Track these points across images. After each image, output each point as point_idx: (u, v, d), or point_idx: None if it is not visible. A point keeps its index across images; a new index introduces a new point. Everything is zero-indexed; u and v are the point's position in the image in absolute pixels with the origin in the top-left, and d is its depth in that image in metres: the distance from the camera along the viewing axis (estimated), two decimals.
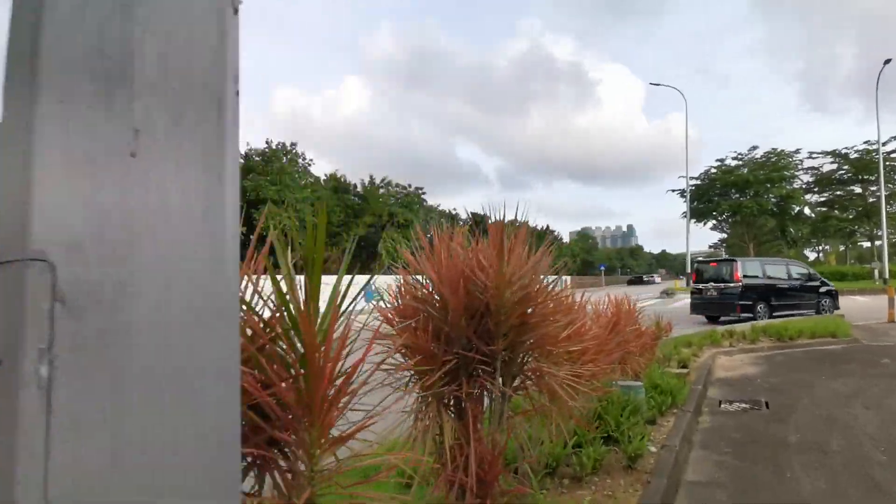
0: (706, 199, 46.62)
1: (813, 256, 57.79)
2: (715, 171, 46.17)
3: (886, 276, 31.80)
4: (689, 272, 42.06)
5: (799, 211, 47.78)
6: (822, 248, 60.14)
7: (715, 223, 50.62)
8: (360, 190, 50.02)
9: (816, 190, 47.63)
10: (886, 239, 32.74)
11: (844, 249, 60.92)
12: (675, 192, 48.24)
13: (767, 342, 9.76)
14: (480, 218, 2.72)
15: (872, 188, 43.10)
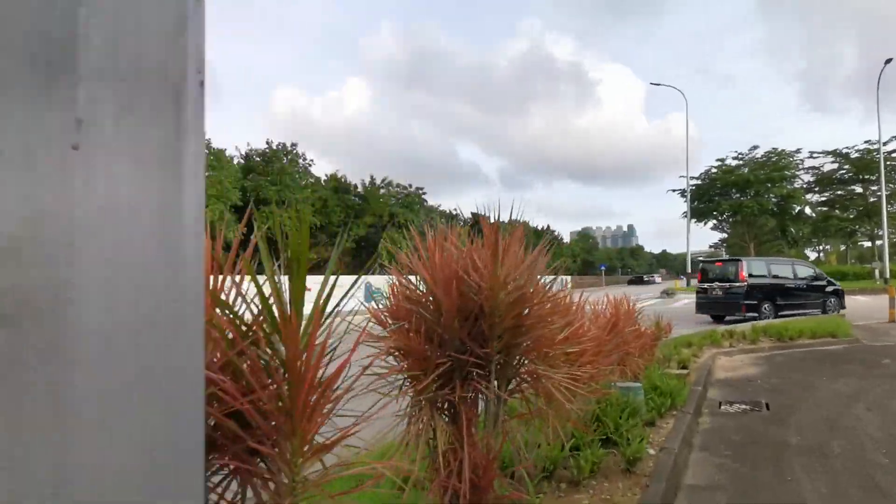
0: (707, 198, 46.55)
1: (813, 256, 57.68)
2: (715, 170, 46.10)
3: (887, 275, 31.73)
4: (689, 272, 42.07)
5: (799, 211, 47.72)
6: (822, 247, 60.10)
7: (715, 223, 50.57)
8: (360, 190, 49.97)
9: (817, 189, 47.57)
10: (887, 238, 32.66)
11: (845, 249, 60.85)
12: (675, 191, 48.24)
13: (768, 342, 9.70)
14: (481, 217, 2.66)
15: (873, 188, 43.03)
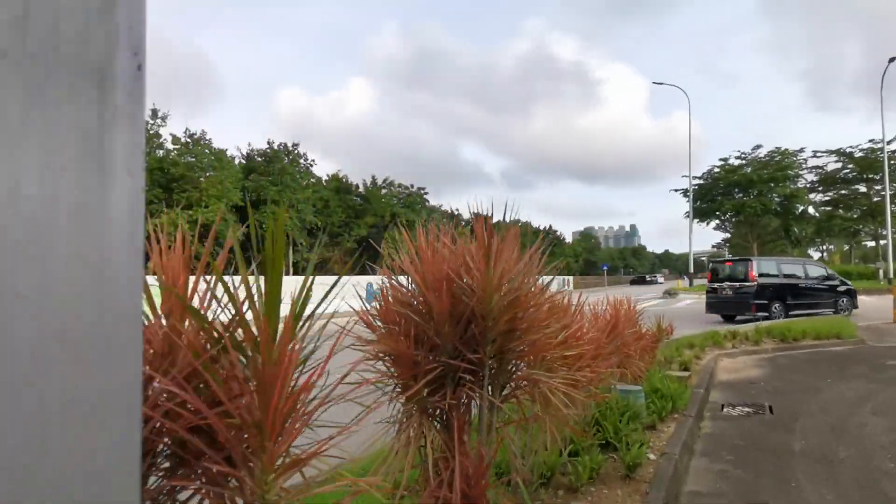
0: (709, 198, 46.37)
1: (817, 256, 57.41)
2: (718, 170, 45.90)
3: (891, 275, 31.55)
4: (691, 272, 41.96)
5: (803, 210, 47.49)
6: (826, 247, 59.84)
7: (718, 223, 50.38)
8: (361, 190, 49.96)
9: (821, 189, 47.33)
10: (891, 238, 32.46)
11: (849, 249, 60.58)
12: (678, 191, 48.01)
13: (771, 343, 9.59)
14: (474, 217, 2.58)
15: (877, 187, 42.83)
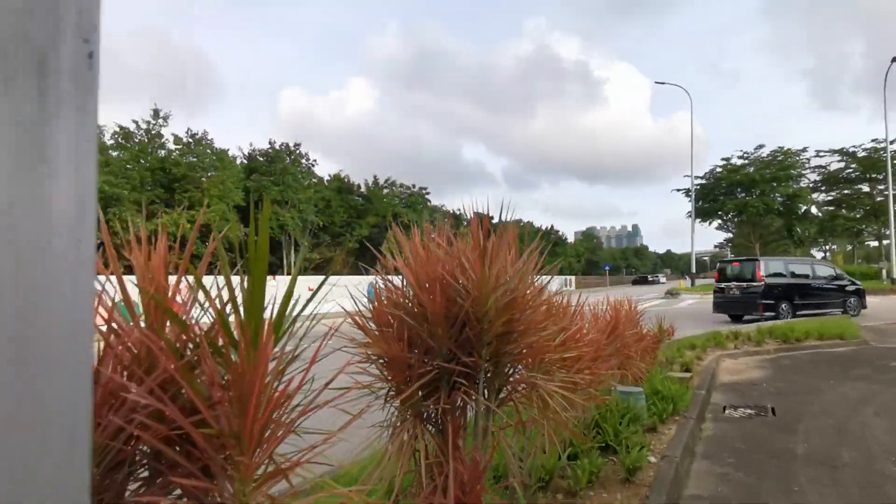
0: (711, 198, 46.22)
1: (820, 256, 57.20)
2: (721, 169, 45.75)
3: (894, 275, 31.40)
4: (693, 272, 41.84)
5: (806, 210, 47.29)
6: (829, 247, 59.58)
7: (720, 222, 50.21)
8: (363, 190, 49.96)
9: (824, 189, 47.15)
10: (894, 238, 32.30)
11: (852, 249, 60.33)
12: (680, 191, 47.88)
13: (773, 344, 9.52)
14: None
15: (880, 187, 42.66)
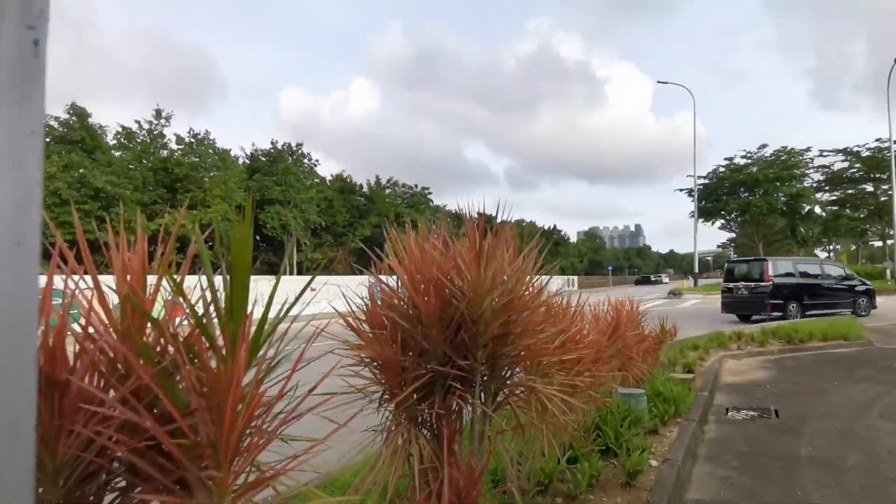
0: (714, 197, 46.01)
1: (823, 256, 56.97)
2: (723, 169, 45.55)
3: None
4: (696, 272, 41.71)
5: (809, 210, 47.06)
6: (833, 247, 59.30)
7: (723, 222, 49.99)
8: (365, 190, 49.97)
9: (827, 188, 46.89)
10: None
11: (856, 249, 60.08)
12: (682, 191, 47.67)
13: (777, 345, 9.44)
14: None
15: (884, 186, 42.42)
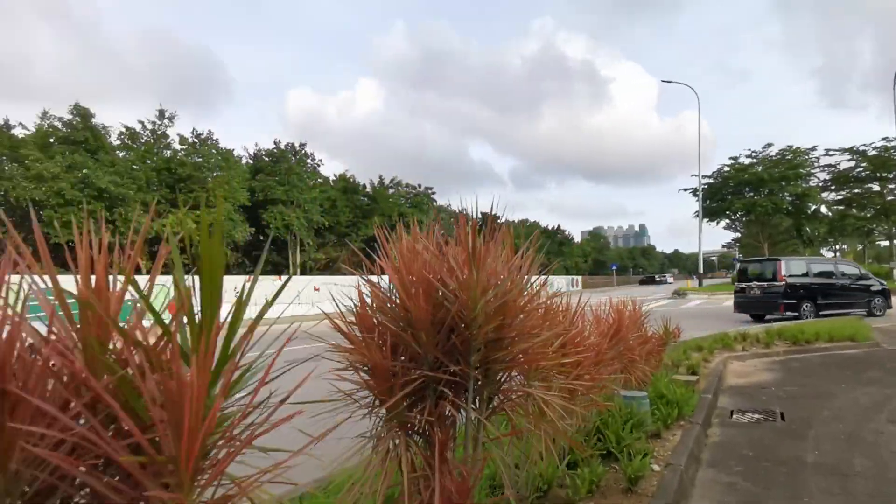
0: (719, 197, 45.77)
1: (829, 256, 56.60)
2: (728, 169, 45.30)
3: None
4: (700, 272, 41.50)
5: (815, 209, 46.74)
6: (839, 247, 58.91)
7: (728, 222, 49.73)
8: (369, 190, 49.97)
9: (833, 188, 46.50)
10: None
11: (862, 249, 59.65)
12: (687, 190, 47.48)
13: (783, 346, 9.32)
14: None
15: (891, 186, 42.11)
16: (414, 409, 2.13)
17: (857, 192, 45.73)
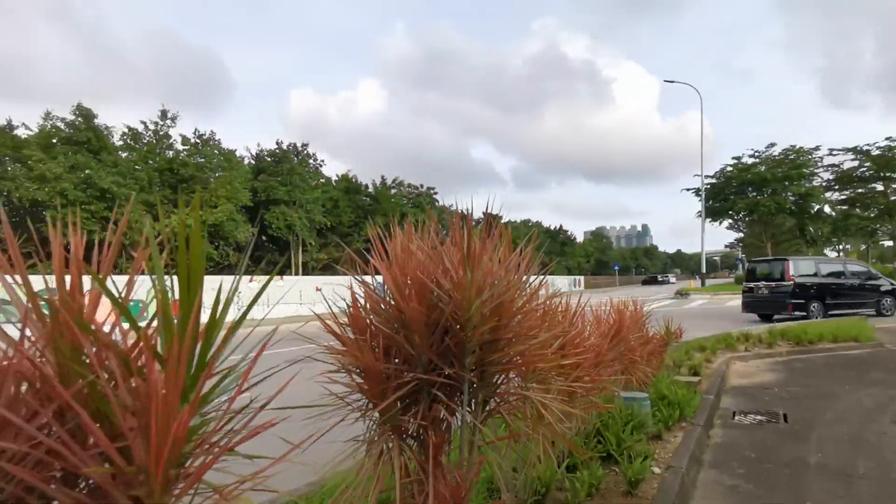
0: (722, 197, 45.57)
1: (833, 255, 56.33)
2: (731, 168, 45.10)
3: None
4: (703, 272, 41.35)
5: (819, 209, 46.51)
6: (842, 247, 58.62)
7: (731, 222, 49.53)
8: (371, 191, 49.97)
9: (837, 187, 46.25)
10: None
11: (866, 248, 59.36)
12: (689, 190, 47.24)
13: (786, 346, 9.25)
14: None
15: (895, 185, 41.88)
16: (407, 412, 2.08)
17: (860, 191, 45.48)
